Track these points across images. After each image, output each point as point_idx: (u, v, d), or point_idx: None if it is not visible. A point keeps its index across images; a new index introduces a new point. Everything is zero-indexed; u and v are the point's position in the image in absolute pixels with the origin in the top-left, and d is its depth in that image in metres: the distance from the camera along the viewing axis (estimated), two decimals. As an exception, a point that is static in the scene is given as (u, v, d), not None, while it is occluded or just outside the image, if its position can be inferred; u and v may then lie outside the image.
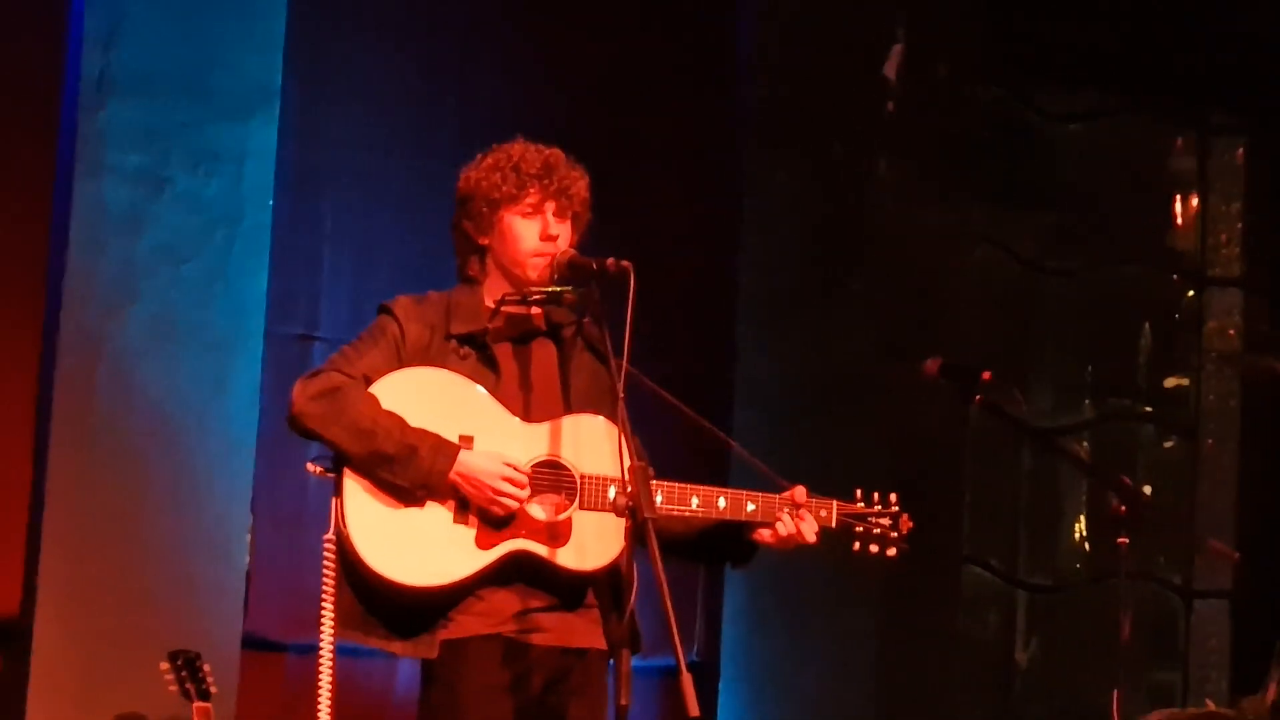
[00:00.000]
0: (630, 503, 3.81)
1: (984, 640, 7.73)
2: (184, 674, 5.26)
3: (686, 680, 3.66)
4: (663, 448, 4.30)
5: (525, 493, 4.10)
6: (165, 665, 5.27)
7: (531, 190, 4.21)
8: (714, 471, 4.55)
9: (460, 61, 6.55)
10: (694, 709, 3.64)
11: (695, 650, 6.81)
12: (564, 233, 4.24)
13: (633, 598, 3.77)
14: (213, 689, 5.27)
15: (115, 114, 5.91)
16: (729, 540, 4.32)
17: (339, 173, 6.38)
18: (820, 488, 4.37)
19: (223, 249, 6.01)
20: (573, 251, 4.21)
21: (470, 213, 4.26)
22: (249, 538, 6.05)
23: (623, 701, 3.72)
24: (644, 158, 6.66)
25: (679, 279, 6.61)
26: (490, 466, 4.08)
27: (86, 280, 5.88)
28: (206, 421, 5.95)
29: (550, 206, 4.22)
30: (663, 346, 5.71)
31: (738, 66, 6.99)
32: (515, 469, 4.10)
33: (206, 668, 5.28)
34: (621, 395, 3.92)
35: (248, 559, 6.05)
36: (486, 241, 4.27)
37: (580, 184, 4.26)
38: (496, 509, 4.09)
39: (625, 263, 4.03)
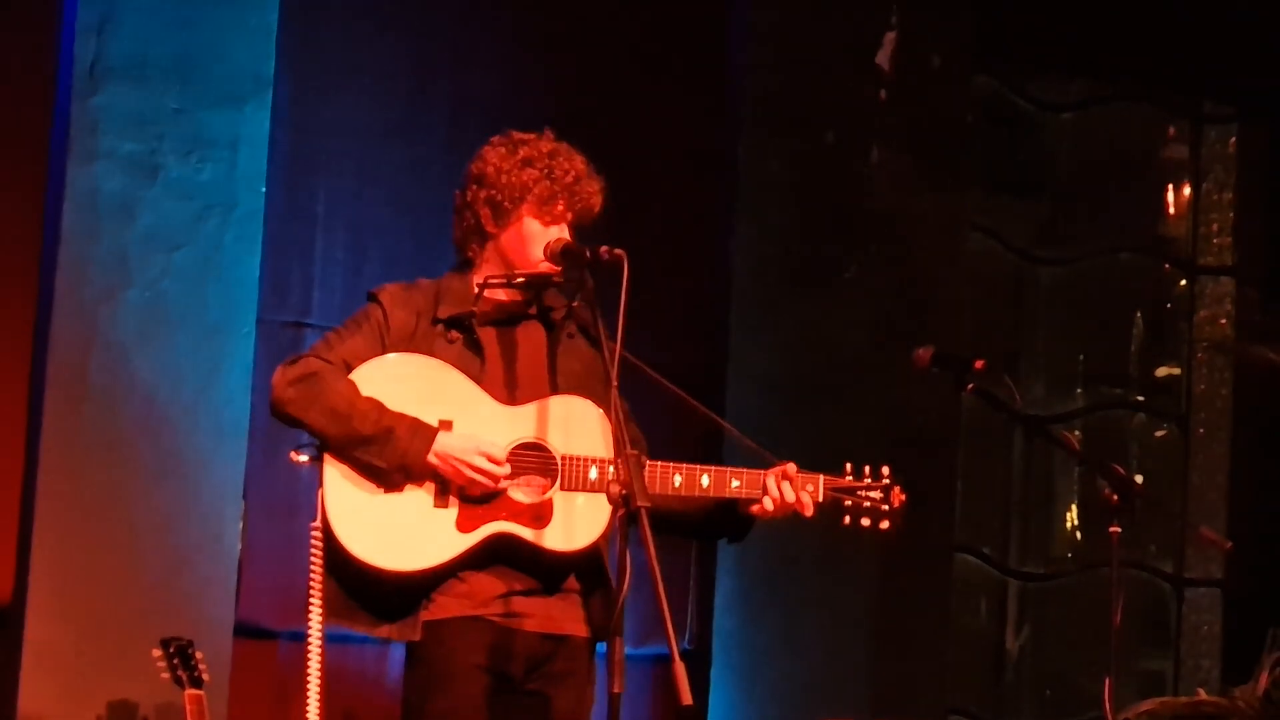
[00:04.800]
0: (624, 491, 3.79)
1: (976, 628, 7.73)
2: (176, 661, 5.24)
3: (679, 668, 3.66)
4: (657, 430, 4.32)
5: (504, 469, 4.11)
6: (157, 652, 5.26)
7: (560, 201, 4.24)
8: (708, 453, 4.54)
9: (453, 48, 6.52)
10: (686, 697, 3.63)
11: (687, 639, 6.79)
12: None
13: (625, 587, 3.74)
14: (205, 676, 5.26)
15: (108, 100, 5.87)
16: (725, 515, 4.32)
17: (331, 160, 6.34)
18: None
19: (215, 236, 5.98)
20: (566, 239, 4.22)
21: (489, 200, 4.26)
22: (241, 525, 6.02)
23: (615, 690, 3.71)
24: (637, 145, 6.62)
25: (673, 266, 6.60)
26: (467, 444, 4.10)
27: (79, 267, 5.85)
28: (199, 408, 5.93)
29: (570, 219, 4.26)
30: (656, 334, 5.65)
31: (732, 53, 6.97)
32: (493, 446, 4.10)
33: (199, 655, 5.27)
34: (615, 383, 3.92)
35: (240, 547, 6.02)
36: (495, 231, 4.27)
37: (599, 199, 4.29)
38: (475, 488, 4.10)
39: (619, 251, 4.04)
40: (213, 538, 5.94)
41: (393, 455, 4.09)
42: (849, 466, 4.36)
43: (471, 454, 4.09)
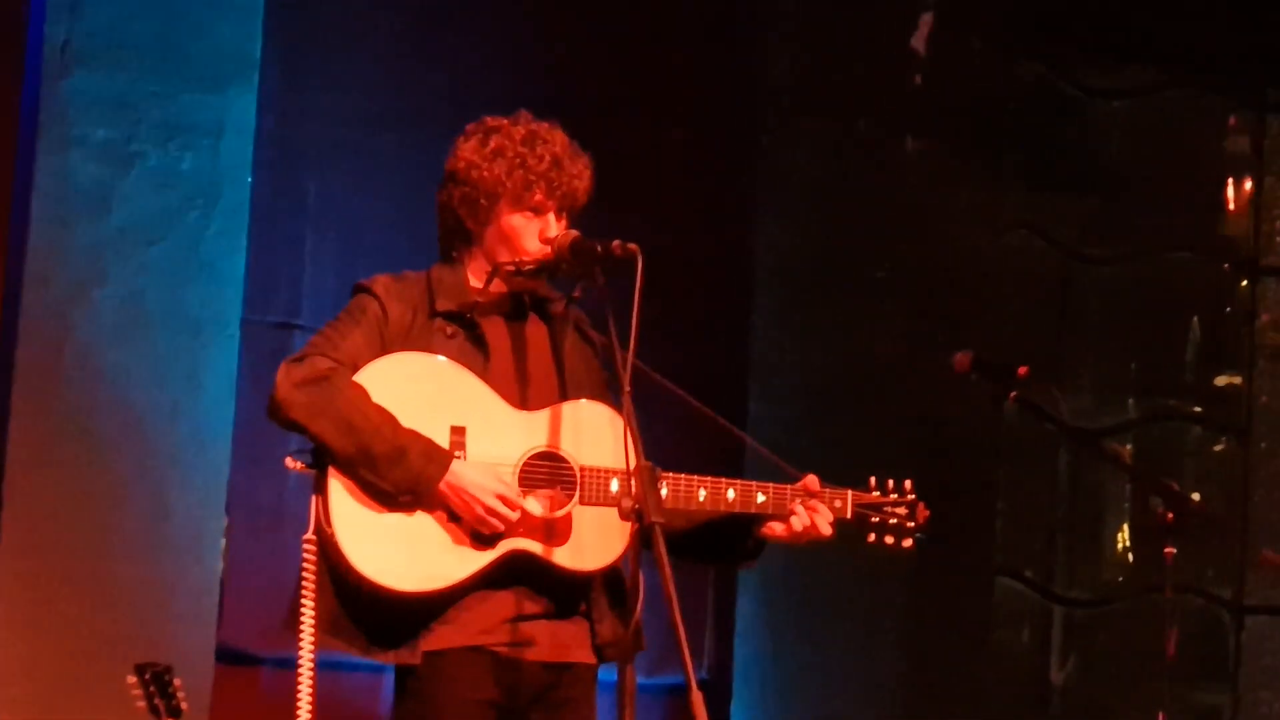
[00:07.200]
0: (636, 505, 3.71)
1: (1018, 658, 7.59)
2: (152, 689, 5.02)
3: (697, 699, 3.58)
4: (675, 439, 4.17)
5: (516, 515, 4.02)
6: (132, 679, 5.04)
7: (538, 190, 4.16)
8: (729, 463, 4.48)
9: (455, 30, 6.46)
10: (705, 730, 3.55)
11: (705, 667, 6.73)
12: (561, 229, 4.21)
13: (639, 608, 3.71)
14: (183, 705, 5.04)
15: (81, 83, 5.85)
16: (734, 536, 4.26)
17: (323, 149, 6.30)
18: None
19: (197, 229, 5.94)
20: (576, 233, 4.14)
21: (465, 198, 4.20)
22: (223, 541, 5.99)
23: (627, 720, 3.70)
24: (652, 133, 6.59)
25: (692, 263, 6.53)
26: (485, 482, 4.02)
27: (50, 262, 5.82)
28: (178, 414, 5.89)
29: (553, 206, 4.18)
30: (674, 335, 5.74)
31: (755, 34, 6.92)
32: (509, 489, 4.02)
33: (177, 682, 5.04)
34: (628, 389, 3.82)
35: (222, 565, 5.99)
36: (477, 229, 4.21)
37: (585, 179, 4.23)
38: (484, 529, 4.02)
39: (632, 246, 3.95)
40: (193, 555, 5.90)
41: (402, 479, 3.99)
42: (873, 481, 4.34)
43: (489, 494, 4.00)
